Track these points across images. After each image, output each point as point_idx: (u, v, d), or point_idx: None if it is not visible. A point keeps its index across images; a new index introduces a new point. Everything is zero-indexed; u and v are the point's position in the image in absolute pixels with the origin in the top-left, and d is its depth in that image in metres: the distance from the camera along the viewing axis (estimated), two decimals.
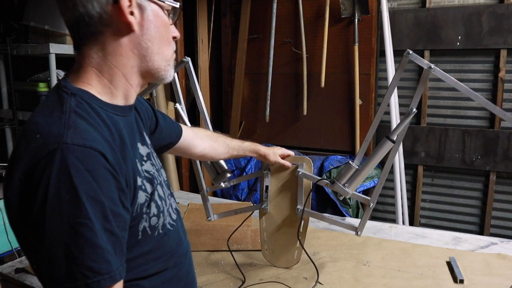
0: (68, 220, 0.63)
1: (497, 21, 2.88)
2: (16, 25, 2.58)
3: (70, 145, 0.65)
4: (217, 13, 3.62)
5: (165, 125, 1.12)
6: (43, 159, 0.64)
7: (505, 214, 3.08)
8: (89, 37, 0.75)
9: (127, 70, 0.78)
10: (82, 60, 0.77)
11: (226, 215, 1.59)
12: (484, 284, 1.36)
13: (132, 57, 0.78)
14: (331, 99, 3.29)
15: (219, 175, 1.47)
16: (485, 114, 3.05)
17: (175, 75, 1.51)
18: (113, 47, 0.76)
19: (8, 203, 0.67)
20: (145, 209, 0.79)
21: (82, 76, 0.76)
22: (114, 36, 0.75)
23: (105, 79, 0.77)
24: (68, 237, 0.63)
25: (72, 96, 0.72)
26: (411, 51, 1.22)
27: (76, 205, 0.63)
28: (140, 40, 0.77)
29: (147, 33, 0.77)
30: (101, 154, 0.67)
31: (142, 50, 0.78)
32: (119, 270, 0.68)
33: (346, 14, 3.07)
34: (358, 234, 1.41)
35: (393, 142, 1.27)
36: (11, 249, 2.21)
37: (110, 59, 0.76)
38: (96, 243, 0.64)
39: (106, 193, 0.66)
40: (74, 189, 0.63)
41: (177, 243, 0.91)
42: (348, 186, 1.36)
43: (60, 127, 0.67)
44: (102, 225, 0.65)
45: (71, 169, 0.63)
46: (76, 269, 0.63)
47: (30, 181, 0.64)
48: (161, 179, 0.88)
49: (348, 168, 1.35)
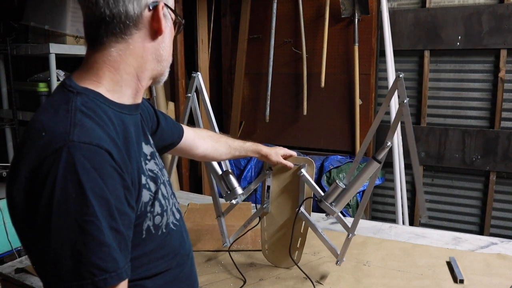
0: (75, 218, 0.63)
1: (497, 21, 2.88)
2: (16, 25, 2.58)
3: (77, 143, 0.65)
4: (217, 13, 3.62)
5: (166, 126, 1.12)
6: (50, 156, 0.64)
7: (505, 214, 3.08)
8: (116, 36, 0.76)
9: (142, 71, 0.81)
10: (98, 57, 0.77)
11: (238, 233, 1.57)
12: (484, 284, 1.36)
13: (150, 61, 0.81)
14: (331, 99, 3.29)
15: (230, 192, 1.47)
16: (485, 114, 3.05)
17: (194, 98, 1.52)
18: (137, 50, 0.78)
19: (13, 201, 0.67)
20: (149, 207, 0.79)
21: (92, 74, 0.77)
22: (141, 38, 0.78)
23: (119, 77, 0.78)
24: (75, 235, 0.63)
25: (78, 95, 0.73)
26: (402, 74, 1.25)
27: (83, 203, 0.63)
28: (160, 47, 0.82)
29: (164, 41, 0.82)
30: (107, 152, 0.67)
31: (159, 56, 0.82)
32: (125, 268, 0.68)
33: (346, 14, 3.07)
34: (338, 264, 1.40)
35: (379, 162, 1.29)
36: (11, 249, 2.21)
37: (131, 59, 0.78)
38: (102, 241, 0.64)
39: (112, 191, 0.66)
40: (81, 187, 0.63)
41: (180, 243, 0.91)
42: (335, 205, 1.37)
43: (66, 125, 0.67)
44: (108, 223, 0.65)
45: (78, 167, 0.63)
46: (82, 267, 0.63)
47: (36, 179, 0.64)
48: (164, 179, 0.89)
49: (335, 188, 1.36)
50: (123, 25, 0.76)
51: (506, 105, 2.96)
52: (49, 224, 0.63)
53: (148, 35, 0.79)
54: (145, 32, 0.78)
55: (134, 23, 0.76)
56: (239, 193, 1.46)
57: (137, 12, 0.76)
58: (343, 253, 1.39)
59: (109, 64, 0.77)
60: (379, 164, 1.29)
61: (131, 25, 0.76)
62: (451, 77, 3.11)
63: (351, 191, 1.34)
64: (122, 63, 0.78)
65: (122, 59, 0.77)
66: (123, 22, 0.75)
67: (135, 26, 0.77)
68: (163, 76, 0.86)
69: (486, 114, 3.05)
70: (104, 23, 0.75)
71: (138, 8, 0.75)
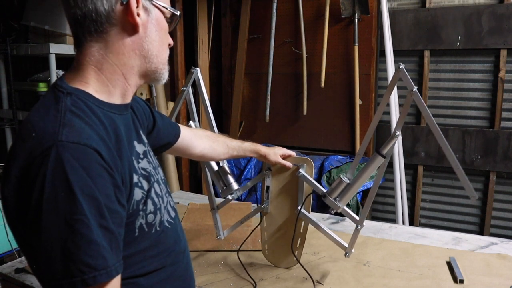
0: (64, 217, 0.64)
1: (497, 21, 2.87)
2: (16, 25, 2.58)
3: (65, 143, 0.66)
4: (217, 13, 3.62)
5: (163, 125, 1.12)
6: (39, 156, 0.65)
7: (505, 214, 3.08)
8: (92, 35, 0.76)
9: (127, 69, 0.80)
10: (82, 58, 0.78)
11: (233, 228, 1.58)
12: (484, 284, 1.36)
13: (133, 57, 0.80)
14: (331, 99, 3.29)
15: (226, 188, 1.47)
16: (485, 114, 3.05)
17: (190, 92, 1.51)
18: (116, 46, 0.78)
19: (5, 201, 0.68)
20: (141, 206, 0.80)
21: (80, 75, 0.77)
22: (118, 35, 0.77)
23: (104, 77, 0.78)
24: (65, 233, 0.63)
25: (67, 95, 0.73)
26: (402, 65, 1.21)
27: (72, 202, 0.64)
28: (143, 41, 0.80)
29: (149, 36, 0.80)
30: (96, 151, 0.68)
31: (143, 51, 0.80)
32: (116, 266, 0.68)
33: (346, 14, 3.07)
34: (347, 256, 1.39)
35: (384, 157, 1.28)
36: (11, 249, 2.21)
37: (112, 57, 0.78)
38: (92, 239, 0.65)
39: (101, 190, 0.67)
40: (69, 186, 0.64)
41: (175, 241, 0.91)
42: (340, 200, 1.36)
43: (55, 126, 0.68)
44: (97, 222, 0.66)
45: (66, 166, 0.64)
46: (72, 265, 0.64)
47: (26, 178, 0.65)
48: (158, 177, 0.89)
49: (339, 183, 1.36)
50: (95, 23, 0.75)
51: (506, 105, 2.96)
52: (39, 222, 0.64)
53: (124, 30, 0.77)
54: (120, 27, 0.77)
55: (107, 19, 0.76)
56: (235, 188, 1.47)
57: (107, 8, 0.75)
58: (352, 244, 1.38)
59: (92, 65, 0.77)
60: (383, 159, 1.28)
61: (103, 22, 0.75)
62: (451, 77, 3.11)
63: (355, 186, 1.33)
64: (105, 62, 0.78)
65: (104, 58, 0.77)
66: (94, 20, 0.75)
67: (108, 22, 0.76)
68: (158, 73, 0.84)
69: (486, 114, 3.05)
70: (78, 23, 0.76)
71: (107, 4, 0.75)
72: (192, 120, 1.53)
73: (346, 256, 1.39)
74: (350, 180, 1.35)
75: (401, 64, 1.22)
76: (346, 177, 1.37)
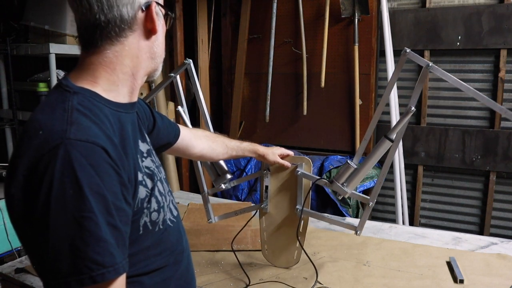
0: (72, 214, 0.64)
1: (497, 21, 2.87)
2: (16, 25, 2.58)
3: (73, 141, 0.66)
4: (217, 13, 3.62)
5: (162, 126, 1.13)
6: (47, 154, 0.65)
7: (505, 214, 3.08)
8: (111, 39, 0.77)
9: (138, 70, 0.82)
10: (94, 59, 0.78)
11: (227, 216, 1.59)
12: (484, 284, 1.36)
13: (145, 60, 0.83)
14: (331, 99, 3.29)
15: (220, 177, 1.48)
16: (485, 114, 3.05)
17: (178, 78, 1.52)
18: (132, 50, 0.80)
19: (11, 200, 0.68)
20: (145, 204, 0.80)
21: (89, 74, 0.78)
22: (135, 39, 0.79)
23: (115, 77, 0.79)
24: (73, 231, 0.64)
25: (74, 94, 0.74)
26: (408, 49, 1.22)
27: (80, 199, 0.64)
28: (153, 45, 0.83)
29: (158, 39, 0.84)
30: (104, 149, 0.68)
31: (153, 54, 0.84)
32: (123, 263, 0.69)
33: (346, 14, 3.07)
34: (358, 234, 1.41)
35: (392, 141, 1.27)
36: (11, 249, 2.21)
37: (127, 60, 0.79)
38: (100, 236, 0.65)
39: (109, 188, 0.67)
40: (78, 184, 0.64)
41: (177, 240, 0.92)
42: (347, 186, 1.36)
43: (63, 124, 0.68)
44: (105, 219, 0.66)
45: (75, 164, 0.64)
46: (80, 262, 0.64)
47: (34, 176, 0.65)
48: (161, 176, 0.90)
49: (347, 168, 1.35)
50: (118, 29, 0.77)
51: (506, 105, 2.95)
52: (47, 220, 0.64)
53: (142, 35, 0.80)
54: (139, 33, 0.80)
55: (129, 26, 0.78)
56: (229, 177, 1.48)
57: (131, 15, 0.77)
58: (363, 222, 1.40)
59: (105, 65, 0.78)
60: (391, 143, 1.27)
61: (126, 28, 0.77)
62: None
63: (363, 171, 1.34)
64: (118, 64, 0.79)
65: (118, 60, 0.79)
66: (118, 26, 0.77)
67: (129, 28, 0.78)
68: (157, 71, 0.88)
69: (486, 114, 3.05)
70: (99, 28, 0.76)
71: (132, 11, 0.77)
72: (180, 105, 1.54)
73: (357, 234, 1.41)
74: (357, 166, 1.35)
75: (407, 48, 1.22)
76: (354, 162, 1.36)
